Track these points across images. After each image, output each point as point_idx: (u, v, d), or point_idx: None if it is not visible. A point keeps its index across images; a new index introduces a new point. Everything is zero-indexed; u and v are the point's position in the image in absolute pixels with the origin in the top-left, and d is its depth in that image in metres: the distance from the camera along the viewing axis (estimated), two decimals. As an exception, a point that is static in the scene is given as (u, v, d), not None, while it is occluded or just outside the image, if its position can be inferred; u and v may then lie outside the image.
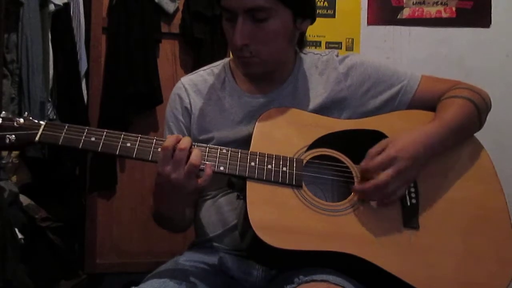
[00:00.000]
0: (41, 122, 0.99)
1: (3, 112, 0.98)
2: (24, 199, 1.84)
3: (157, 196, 1.07)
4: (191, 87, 1.23)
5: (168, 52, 2.36)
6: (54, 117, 2.03)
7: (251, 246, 1.00)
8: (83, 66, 2.19)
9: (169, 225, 1.19)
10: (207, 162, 1.00)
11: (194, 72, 1.28)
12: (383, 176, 0.99)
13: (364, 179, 1.03)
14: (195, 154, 0.97)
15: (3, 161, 1.74)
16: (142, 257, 2.32)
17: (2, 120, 0.96)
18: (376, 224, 1.01)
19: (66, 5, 2.06)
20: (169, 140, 0.97)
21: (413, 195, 1.05)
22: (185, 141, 0.97)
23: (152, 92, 2.23)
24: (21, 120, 0.97)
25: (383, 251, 0.98)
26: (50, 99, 2.01)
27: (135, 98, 2.22)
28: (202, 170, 0.99)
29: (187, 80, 1.25)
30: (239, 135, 1.15)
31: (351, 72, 1.20)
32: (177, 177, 0.96)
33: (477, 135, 1.17)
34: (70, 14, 2.10)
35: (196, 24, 2.25)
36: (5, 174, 1.80)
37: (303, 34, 1.20)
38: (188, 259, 1.14)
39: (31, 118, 0.99)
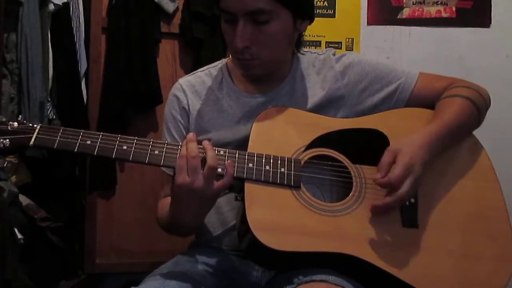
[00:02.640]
0: (35, 125, 0.97)
1: None
2: (23, 199, 1.84)
3: (177, 209, 1.01)
4: (189, 88, 1.23)
5: (168, 52, 2.35)
6: (54, 117, 2.03)
7: (250, 248, 0.99)
8: (83, 66, 2.18)
9: (181, 233, 1.16)
10: (226, 162, 0.98)
11: (191, 73, 1.29)
12: (405, 187, 0.97)
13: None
14: (210, 157, 0.94)
15: (-1, 165, 1.73)
16: (142, 257, 2.31)
17: None
18: (375, 224, 1.01)
19: (66, 5, 2.05)
20: (183, 149, 0.96)
21: (412, 194, 1.05)
22: (193, 147, 0.95)
23: (152, 92, 2.23)
24: (15, 124, 0.95)
25: (382, 251, 0.98)
26: (49, 99, 2.00)
27: (135, 98, 2.21)
28: (221, 174, 0.97)
29: (184, 81, 1.25)
30: (238, 135, 1.15)
31: (348, 70, 1.20)
32: (198, 185, 0.93)
33: (477, 134, 1.17)
34: (69, 14, 2.10)
35: (196, 24, 2.25)
36: (5, 174, 1.80)
37: (301, 34, 1.20)
38: (187, 259, 1.14)
39: (25, 121, 0.98)
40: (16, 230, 1.60)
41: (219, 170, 0.97)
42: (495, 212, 1.07)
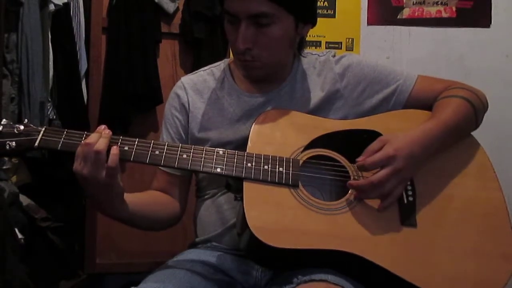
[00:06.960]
0: (40, 128, 1.00)
1: (4, 120, 0.99)
2: (24, 199, 1.84)
3: (90, 199, 1.03)
4: (190, 86, 1.24)
5: (168, 52, 2.35)
6: (54, 117, 2.03)
7: (249, 246, 1.00)
8: (83, 66, 2.19)
9: (135, 226, 1.17)
10: (115, 145, 0.98)
11: (194, 72, 1.30)
12: (380, 174, 0.99)
13: (359, 176, 1.04)
14: (99, 143, 0.95)
15: (4, 167, 1.75)
16: (142, 257, 2.31)
17: (3, 127, 0.98)
18: (374, 222, 1.01)
19: (66, 5, 2.05)
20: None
21: (410, 192, 1.05)
22: (92, 137, 0.96)
23: (152, 92, 2.23)
24: (21, 127, 0.99)
25: (381, 249, 0.98)
26: (50, 99, 2.01)
27: (135, 98, 2.22)
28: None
29: (186, 79, 1.27)
30: (238, 134, 1.16)
31: (347, 72, 1.21)
32: (86, 171, 0.94)
33: (477, 135, 1.17)
34: (70, 14, 2.10)
35: (196, 24, 2.25)
36: (6, 174, 1.80)
37: (303, 37, 1.21)
38: (188, 259, 1.14)
39: (30, 124, 1.00)
40: (16, 230, 1.61)
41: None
42: (494, 210, 1.07)
